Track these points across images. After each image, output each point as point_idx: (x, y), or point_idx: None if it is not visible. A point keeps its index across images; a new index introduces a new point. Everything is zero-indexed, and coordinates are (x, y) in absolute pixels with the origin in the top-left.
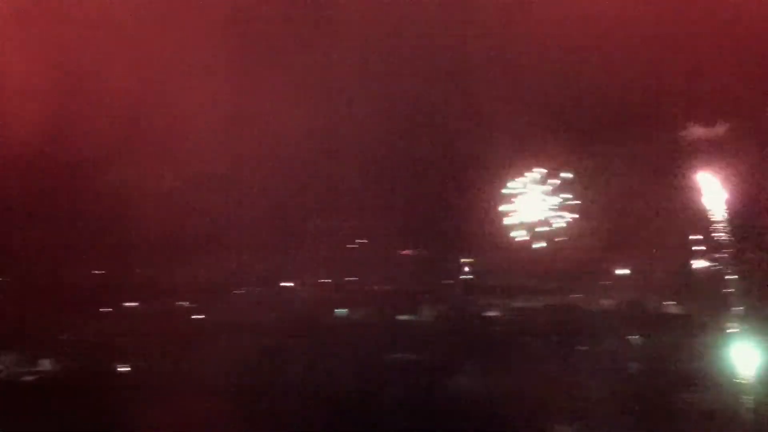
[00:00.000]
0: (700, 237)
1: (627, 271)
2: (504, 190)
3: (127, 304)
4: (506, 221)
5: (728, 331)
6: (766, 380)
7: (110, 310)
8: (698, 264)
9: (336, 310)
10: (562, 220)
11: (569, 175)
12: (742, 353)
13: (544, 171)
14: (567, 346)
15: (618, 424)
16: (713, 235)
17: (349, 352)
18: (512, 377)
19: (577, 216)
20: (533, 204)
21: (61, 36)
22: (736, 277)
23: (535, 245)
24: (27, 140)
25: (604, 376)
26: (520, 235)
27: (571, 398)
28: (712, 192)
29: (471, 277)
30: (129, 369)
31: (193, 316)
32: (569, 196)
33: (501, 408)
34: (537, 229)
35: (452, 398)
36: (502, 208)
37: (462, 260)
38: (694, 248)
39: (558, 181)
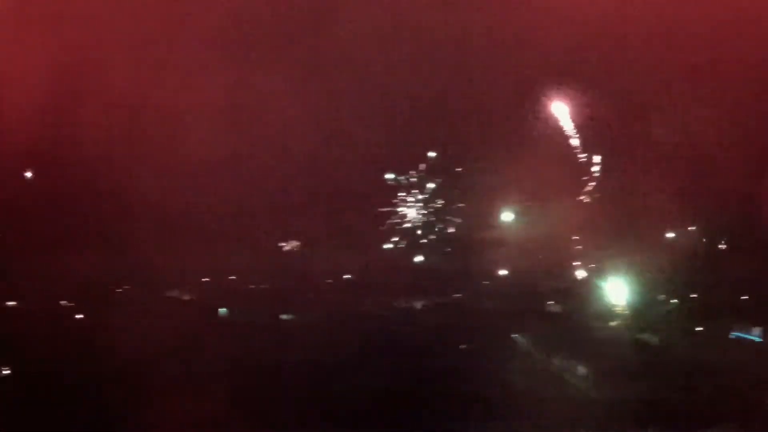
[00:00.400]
0: (578, 238)
1: (506, 272)
2: (388, 190)
3: (8, 303)
4: (389, 221)
5: (609, 328)
6: (644, 374)
7: None
8: (579, 265)
9: (220, 310)
10: (445, 221)
11: (458, 170)
12: (622, 348)
13: (426, 169)
14: (449, 345)
15: (503, 422)
16: (595, 237)
17: (233, 351)
18: (394, 376)
19: (459, 220)
20: (415, 204)
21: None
22: (615, 278)
23: (416, 258)
24: None
25: (488, 373)
26: (398, 242)
27: (456, 396)
28: (596, 192)
29: (351, 276)
30: (9, 372)
31: (76, 316)
32: (456, 192)
33: (385, 407)
34: (419, 233)
35: (335, 398)
36: (385, 208)
37: (345, 259)
38: (577, 247)
39: (440, 180)
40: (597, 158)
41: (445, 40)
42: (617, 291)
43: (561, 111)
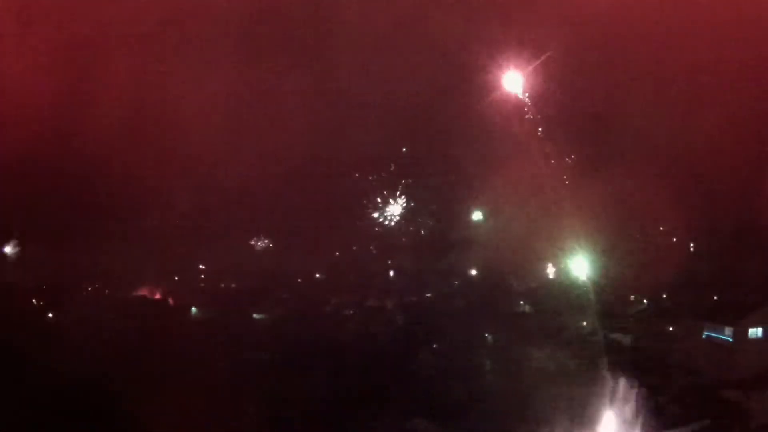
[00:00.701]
0: (550, 238)
1: (477, 272)
2: (360, 190)
3: None
4: (361, 222)
5: (581, 328)
6: (616, 373)
7: None
8: (550, 265)
9: (193, 309)
10: (416, 222)
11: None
12: (594, 348)
13: (397, 170)
14: (421, 344)
15: (474, 420)
16: (566, 238)
17: (204, 350)
18: (366, 375)
19: (431, 221)
20: (386, 205)
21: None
22: (587, 278)
23: (387, 259)
24: None
25: (459, 372)
26: (369, 242)
27: (427, 395)
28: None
29: (323, 276)
30: None
31: (49, 315)
32: (428, 192)
33: (357, 405)
34: (390, 233)
35: (308, 396)
36: (357, 209)
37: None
38: (548, 247)
39: (411, 180)
40: (569, 160)
41: (420, 42)
42: (589, 291)
43: (536, 112)
